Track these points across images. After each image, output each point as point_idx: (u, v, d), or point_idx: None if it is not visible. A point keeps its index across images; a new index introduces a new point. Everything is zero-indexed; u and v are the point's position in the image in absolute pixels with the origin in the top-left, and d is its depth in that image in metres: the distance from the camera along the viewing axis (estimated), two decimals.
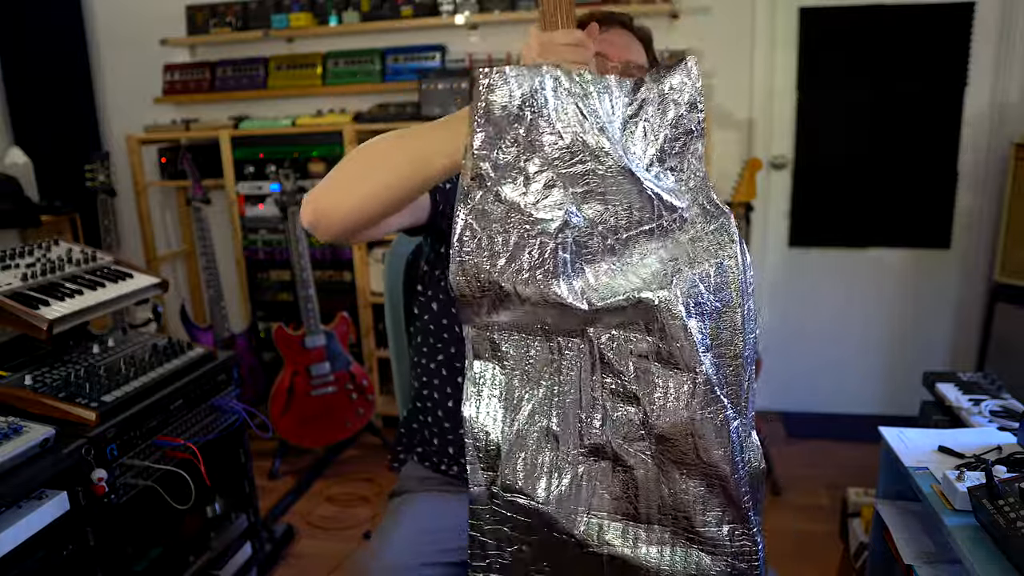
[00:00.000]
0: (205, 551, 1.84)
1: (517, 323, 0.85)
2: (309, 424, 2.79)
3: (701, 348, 0.85)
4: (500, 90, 0.79)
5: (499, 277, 0.82)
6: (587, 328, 0.85)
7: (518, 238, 0.81)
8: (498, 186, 0.81)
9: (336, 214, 0.96)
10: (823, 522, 2.38)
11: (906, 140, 2.91)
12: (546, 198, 0.82)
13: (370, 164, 0.95)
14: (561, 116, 0.82)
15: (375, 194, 0.93)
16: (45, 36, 3.32)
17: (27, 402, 1.43)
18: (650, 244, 0.87)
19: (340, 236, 0.99)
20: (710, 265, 0.88)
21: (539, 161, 0.82)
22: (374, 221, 0.97)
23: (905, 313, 3.07)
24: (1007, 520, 1.02)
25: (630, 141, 0.87)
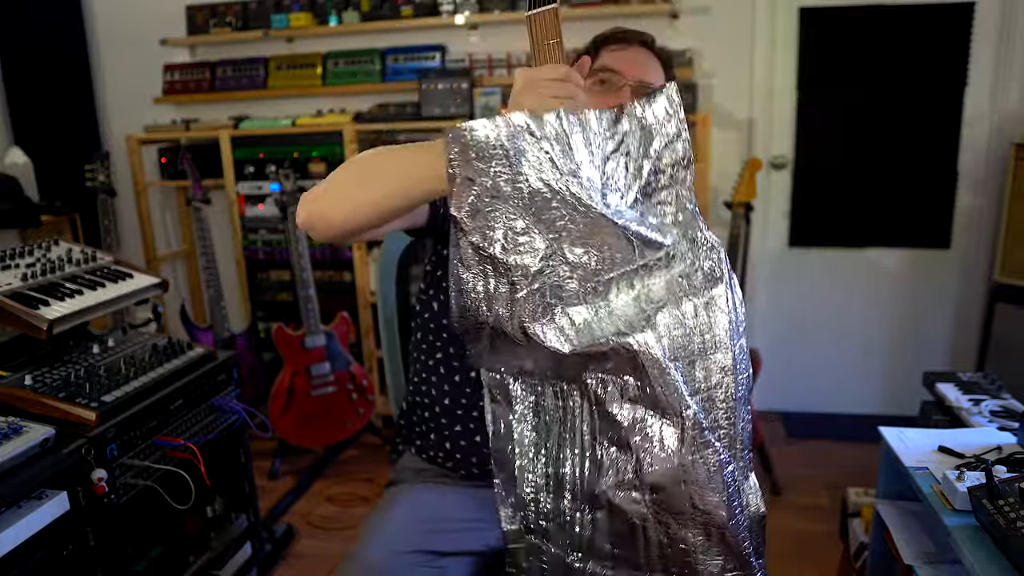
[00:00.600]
0: (205, 551, 1.84)
1: (521, 367, 0.87)
2: (309, 424, 2.79)
3: (687, 391, 0.84)
4: (470, 142, 0.81)
5: (488, 319, 0.84)
6: (584, 374, 0.86)
7: (497, 283, 0.84)
8: (474, 235, 0.83)
9: (332, 219, 0.97)
10: (823, 522, 2.38)
11: (906, 140, 2.91)
12: (522, 244, 0.84)
13: (366, 175, 0.97)
14: (533, 164, 0.82)
15: (371, 202, 0.95)
16: (45, 36, 3.32)
17: (27, 402, 1.43)
18: (632, 286, 0.85)
19: (335, 237, 1.00)
20: (698, 303, 0.85)
21: (512, 208, 0.83)
22: (369, 228, 0.99)
23: (905, 313, 3.07)
24: (1007, 520, 1.02)
25: (612, 178, 0.85)
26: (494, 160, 0.81)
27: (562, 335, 0.83)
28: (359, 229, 0.98)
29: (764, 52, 2.92)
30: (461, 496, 1.28)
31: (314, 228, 0.99)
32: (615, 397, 0.86)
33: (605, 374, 0.85)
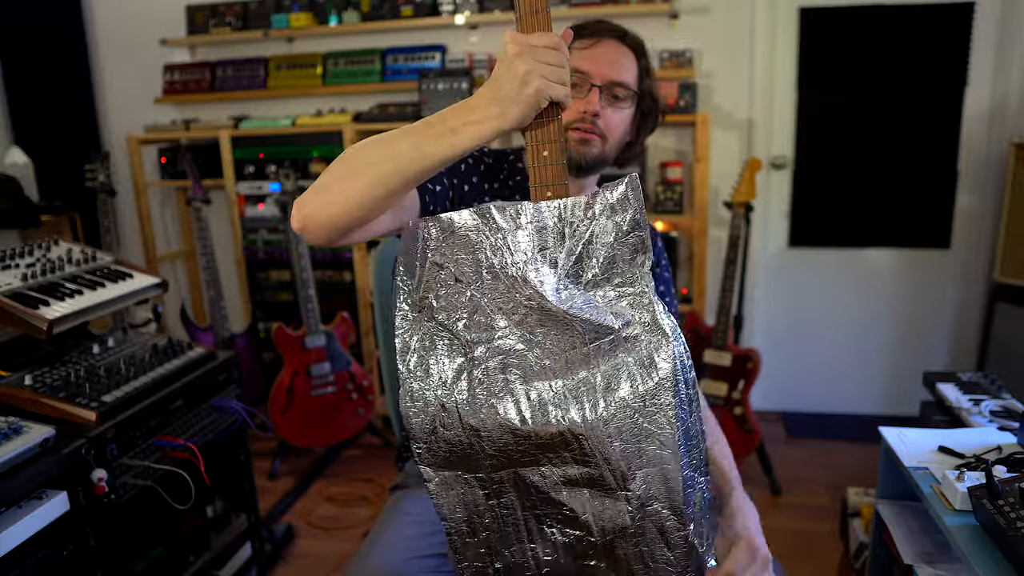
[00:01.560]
0: (205, 551, 1.84)
1: (455, 459, 0.91)
2: (309, 424, 2.79)
3: (627, 468, 0.87)
4: (438, 232, 0.89)
5: (443, 397, 0.89)
6: (521, 463, 0.90)
7: (462, 360, 0.89)
8: (440, 313, 0.90)
9: (322, 217, 0.96)
10: (823, 522, 2.38)
11: (906, 140, 2.92)
12: (482, 324, 0.89)
13: (353, 166, 0.96)
14: (496, 251, 0.88)
15: (359, 194, 0.94)
16: (45, 36, 3.32)
17: (27, 402, 1.43)
18: (587, 367, 0.88)
19: (329, 238, 0.99)
20: (647, 387, 0.87)
21: (476, 290, 0.89)
22: (360, 222, 0.97)
23: (905, 313, 3.07)
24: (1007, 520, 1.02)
25: (571, 264, 0.89)
26: (459, 246, 0.89)
27: (517, 411, 0.88)
28: (351, 224, 0.97)
29: (764, 52, 2.93)
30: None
31: (307, 230, 0.98)
32: (556, 482, 0.90)
33: (548, 456, 0.89)
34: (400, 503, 1.29)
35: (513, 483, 0.91)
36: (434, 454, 0.91)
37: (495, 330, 0.89)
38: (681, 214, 2.86)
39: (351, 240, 1.03)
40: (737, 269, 2.60)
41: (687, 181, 2.94)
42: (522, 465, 0.90)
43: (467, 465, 0.91)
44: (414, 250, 0.91)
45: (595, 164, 1.24)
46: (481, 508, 0.93)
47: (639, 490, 0.88)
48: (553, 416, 0.87)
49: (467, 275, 0.89)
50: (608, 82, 1.20)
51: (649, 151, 2.90)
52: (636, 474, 0.87)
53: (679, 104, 2.82)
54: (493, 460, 0.90)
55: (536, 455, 0.89)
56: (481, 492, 0.92)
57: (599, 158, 1.24)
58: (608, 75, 1.20)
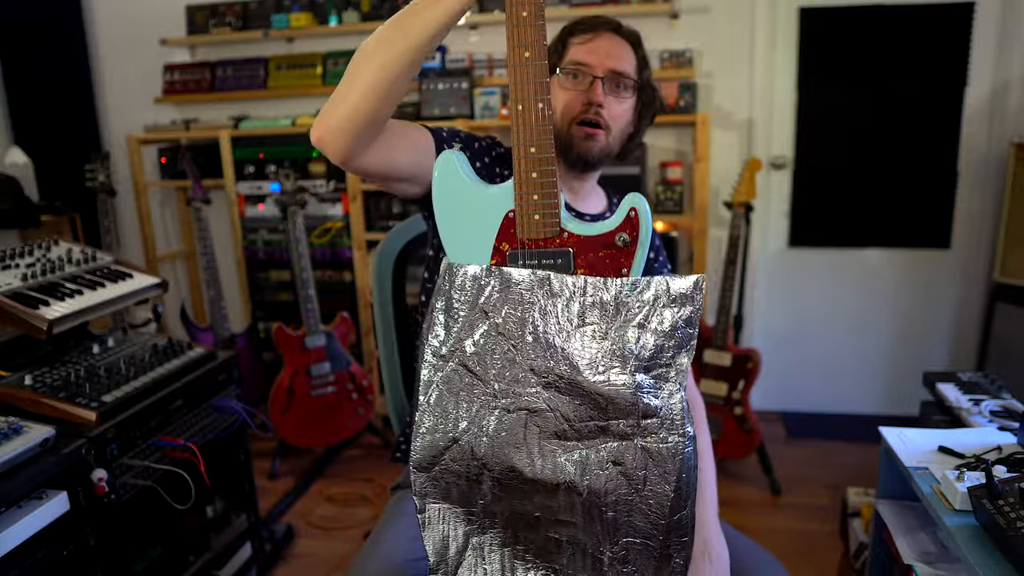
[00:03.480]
0: (205, 551, 1.84)
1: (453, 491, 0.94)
2: (309, 424, 2.79)
3: (612, 534, 0.91)
4: (495, 281, 0.94)
5: (459, 434, 0.93)
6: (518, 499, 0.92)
7: (483, 405, 0.93)
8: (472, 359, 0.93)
9: (335, 121, 0.97)
10: (823, 522, 2.38)
11: (906, 140, 2.92)
12: (513, 379, 0.92)
13: (352, 68, 0.97)
14: (544, 316, 0.92)
15: (363, 85, 0.95)
16: (45, 36, 3.32)
17: (27, 402, 1.43)
18: (600, 438, 0.91)
19: (347, 149, 0.99)
20: (653, 474, 0.89)
21: (514, 347, 0.93)
22: (372, 119, 0.98)
23: (905, 313, 3.07)
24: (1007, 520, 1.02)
25: (616, 343, 0.91)
26: (511, 301, 0.94)
27: (530, 461, 0.91)
28: (364, 124, 0.97)
29: (764, 52, 2.93)
30: None
31: (324, 141, 0.99)
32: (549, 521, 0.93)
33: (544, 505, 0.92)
34: (402, 503, 1.29)
35: (505, 518, 0.94)
36: (435, 484, 0.94)
37: (524, 386, 0.92)
38: (681, 214, 2.86)
39: (370, 162, 1.03)
40: (737, 269, 2.60)
41: (687, 181, 2.94)
42: (518, 500, 0.93)
43: (462, 499, 0.94)
44: (463, 291, 0.95)
45: (600, 158, 1.26)
46: (460, 544, 0.96)
47: (617, 555, 0.91)
48: (560, 472, 0.90)
49: (510, 330, 0.93)
50: (609, 72, 1.22)
51: (649, 151, 2.90)
52: (620, 541, 0.91)
53: (679, 104, 2.83)
54: (492, 494, 0.93)
55: (534, 497, 0.92)
56: (464, 528, 0.95)
57: (604, 151, 1.26)
58: (608, 66, 1.22)
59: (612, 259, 0.96)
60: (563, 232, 0.96)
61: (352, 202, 3.01)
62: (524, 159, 0.95)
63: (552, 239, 0.96)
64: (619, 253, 0.95)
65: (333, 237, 3.08)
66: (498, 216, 0.98)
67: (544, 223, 0.96)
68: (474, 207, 1.00)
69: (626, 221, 0.95)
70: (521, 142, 0.94)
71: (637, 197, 0.94)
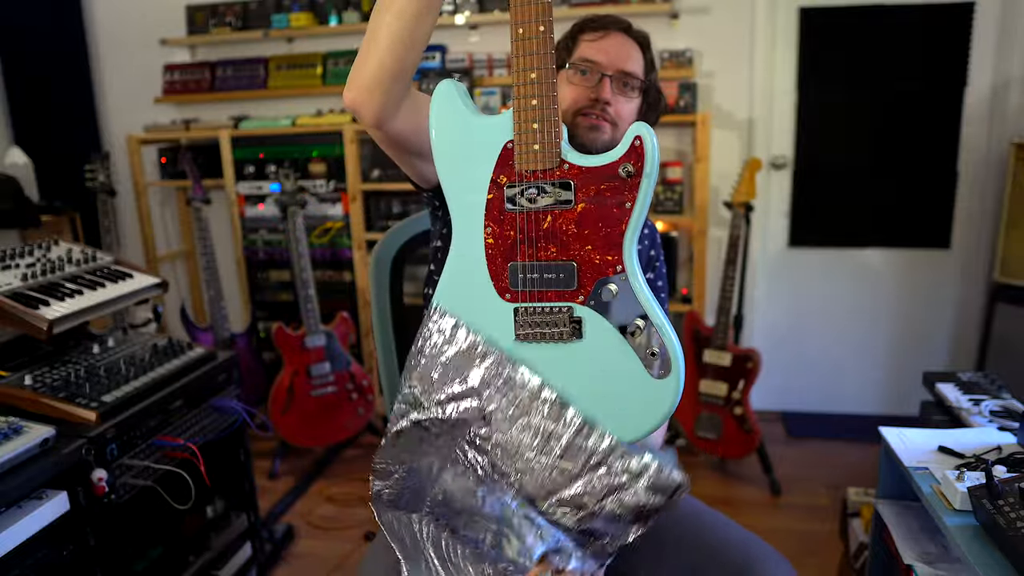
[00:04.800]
0: (205, 551, 1.84)
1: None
2: (309, 424, 2.79)
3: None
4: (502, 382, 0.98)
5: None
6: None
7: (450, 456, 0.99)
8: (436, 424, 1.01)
9: (364, 79, 0.98)
10: (823, 522, 2.38)
11: (906, 140, 2.92)
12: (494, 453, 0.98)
13: (370, 28, 0.99)
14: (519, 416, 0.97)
15: (385, 39, 0.96)
16: (45, 36, 3.32)
17: (27, 402, 1.43)
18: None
19: (380, 107, 0.99)
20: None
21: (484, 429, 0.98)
22: (399, 71, 0.98)
23: (905, 313, 3.07)
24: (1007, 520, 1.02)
25: (582, 491, 0.95)
26: (505, 397, 0.97)
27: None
28: (393, 77, 0.97)
29: (764, 52, 2.93)
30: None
31: (357, 103, 0.99)
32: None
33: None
34: None
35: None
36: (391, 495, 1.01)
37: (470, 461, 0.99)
38: (681, 214, 2.85)
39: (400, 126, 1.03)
40: (737, 269, 2.60)
41: (687, 181, 2.94)
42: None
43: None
44: (464, 355, 0.97)
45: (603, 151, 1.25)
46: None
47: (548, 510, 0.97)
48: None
49: (495, 419, 0.97)
50: (618, 72, 1.23)
51: None
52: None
53: (679, 104, 2.83)
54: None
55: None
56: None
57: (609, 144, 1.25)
58: (618, 65, 1.23)
59: (615, 192, 0.91)
60: (563, 163, 0.92)
61: (352, 202, 3.01)
62: (524, 85, 0.91)
63: (552, 171, 0.92)
64: (622, 185, 0.91)
65: (333, 237, 3.08)
66: (496, 147, 0.94)
67: (544, 153, 0.92)
68: (472, 138, 0.96)
69: (631, 151, 0.90)
70: (521, 68, 0.91)
71: (643, 126, 0.90)
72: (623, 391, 0.93)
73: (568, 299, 0.94)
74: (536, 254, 0.94)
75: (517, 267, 0.95)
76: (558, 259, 0.94)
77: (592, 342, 0.94)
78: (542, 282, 0.94)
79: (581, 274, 0.93)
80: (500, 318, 0.97)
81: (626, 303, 0.92)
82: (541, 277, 0.94)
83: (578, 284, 0.93)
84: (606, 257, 0.92)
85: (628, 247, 0.92)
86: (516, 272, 0.95)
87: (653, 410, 0.92)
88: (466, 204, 0.97)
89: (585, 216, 0.92)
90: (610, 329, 0.92)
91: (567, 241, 0.93)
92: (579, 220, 0.93)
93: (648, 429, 0.93)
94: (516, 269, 0.95)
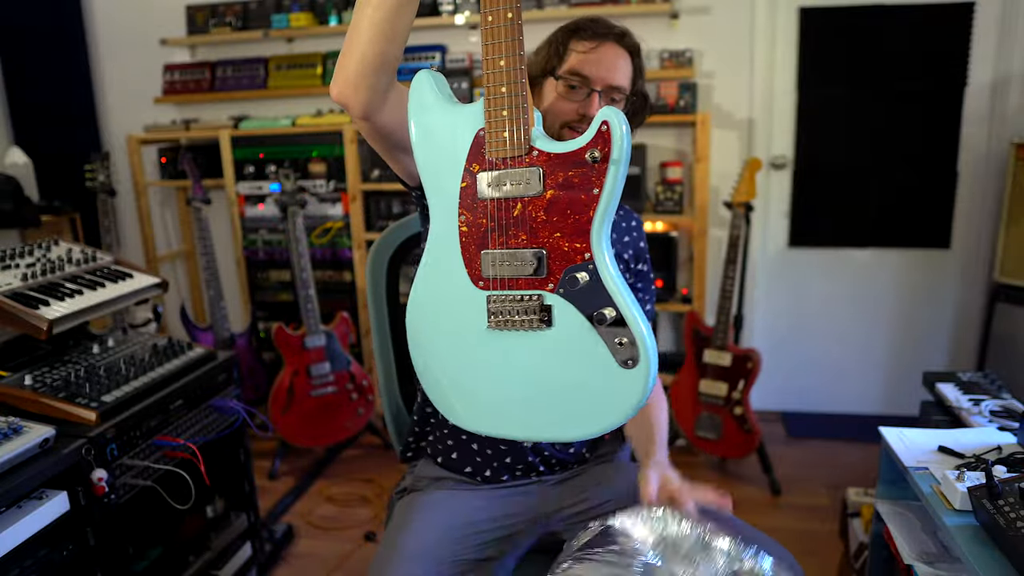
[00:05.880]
0: (205, 551, 1.84)
1: None
2: (309, 424, 2.79)
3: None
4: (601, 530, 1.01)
5: None
6: None
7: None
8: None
9: (349, 72, 1.00)
10: (823, 522, 2.38)
11: (906, 140, 2.92)
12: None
13: (353, 21, 1.00)
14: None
15: (368, 31, 0.97)
16: (45, 36, 3.32)
17: (27, 402, 1.43)
18: None
19: (366, 100, 1.01)
20: None
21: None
22: (383, 62, 0.99)
23: (905, 313, 3.07)
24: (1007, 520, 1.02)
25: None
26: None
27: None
28: (376, 68, 0.99)
29: (764, 52, 2.93)
30: (485, 499, 1.27)
31: (344, 96, 1.01)
32: None
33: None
34: (415, 509, 1.25)
35: None
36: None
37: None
38: (681, 214, 2.85)
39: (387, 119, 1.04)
40: (737, 269, 2.60)
41: (687, 181, 2.94)
42: None
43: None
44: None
45: None
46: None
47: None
48: None
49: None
50: (606, 87, 1.23)
51: (649, 151, 2.90)
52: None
53: (679, 104, 2.83)
54: None
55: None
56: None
57: None
58: (607, 80, 1.23)
59: (583, 179, 0.89)
60: (532, 151, 0.91)
61: (352, 202, 3.01)
62: (493, 73, 0.90)
63: (521, 158, 0.91)
64: (590, 171, 0.88)
65: (333, 237, 3.08)
66: (469, 135, 0.94)
67: (512, 141, 0.91)
68: (447, 127, 0.96)
69: (597, 136, 0.87)
70: (490, 55, 0.90)
71: (612, 111, 0.87)
72: (593, 380, 0.92)
73: (538, 287, 0.93)
74: (507, 242, 0.94)
75: (489, 255, 0.95)
76: (528, 246, 0.93)
77: (561, 330, 0.93)
78: (512, 269, 0.94)
79: (550, 261, 0.92)
80: (474, 305, 0.96)
81: (596, 292, 0.90)
82: (511, 265, 0.94)
83: (548, 272, 0.92)
84: (575, 244, 0.91)
85: (597, 235, 0.90)
86: (488, 260, 0.95)
87: (623, 401, 0.91)
88: (442, 192, 0.97)
89: (554, 203, 0.91)
90: (579, 317, 0.91)
91: (536, 228, 0.92)
92: (548, 207, 0.92)
93: (618, 420, 0.92)
94: (488, 257, 0.95)
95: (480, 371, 0.99)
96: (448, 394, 1.02)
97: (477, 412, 1.01)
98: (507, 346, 0.95)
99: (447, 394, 1.03)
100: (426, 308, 1.02)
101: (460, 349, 0.99)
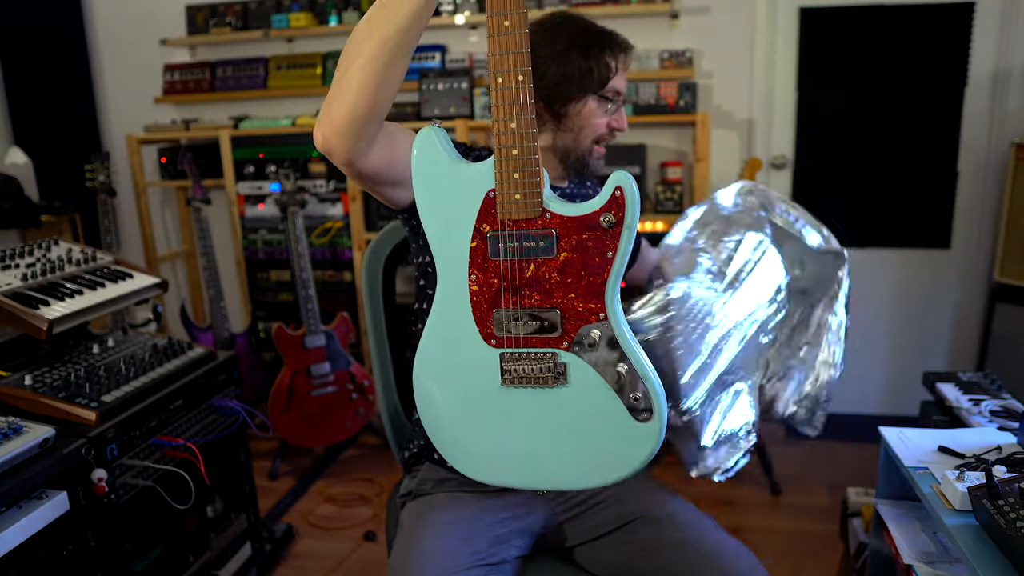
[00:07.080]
0: (205, 551, 1.84)
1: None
2: (309, 424, 2.79)
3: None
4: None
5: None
6: None
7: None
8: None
9: (336, 119, 0.96)
10: (823, 522, 2.38)
11: (906, 140, 2.92)
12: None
13: (345, 62, 0.97)
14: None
15: (359, 78, 0.95)
16: (45, 36, 3.32)
17: (27, 402, 1.43)
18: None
19: (351, 148, 0.98)
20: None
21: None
22: (372, 111, 0.97)
23: (905, 313, 3.07)
24: (1007, 520, 1.02)
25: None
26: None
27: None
28: (366, 116, 0.96)
29: (764, 52, 2.93)
30: (490, 502, 1.25)
31: (329, 145, 0.98)
32: None
33: None
34: (424, 513, 1.23)
35: None
36: None
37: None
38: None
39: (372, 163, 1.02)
40: None
41: (687, 181, 2.94)
42: None
43: None
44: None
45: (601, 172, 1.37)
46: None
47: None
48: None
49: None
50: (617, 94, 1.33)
51: (649, 151, 2.90)
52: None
53: (679, 104, 2.82)
54: None
55: None
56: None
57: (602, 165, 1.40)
58: (624, 91, 1.34)
59: (596, 242, 0.92)
60: (545, 213, 0.92)
61: (352, 202, 3.01)
62: (504, 135, 0.90)
63: (534, 220, 0.92)
64: (604, 235, 0.91)
65: (333, 237, 3.08)
66: (479, 195, 0.94)
67: (525, 203, 0.92)
68: (454, 185, 0.96)
69: (611, 201, 0.90)
70: (501, 117, 0.90)
71: (624, 176, 0.90)
72: (607, 433, 0.95)
73: (552, 345, 0.95)
74: (520, 301, 0.95)
75: (502, 314, 0.96)
76: (542, 306, 0.95)
77: (577, 387, 0.95)
78: (526, 328, 0.95)
79: (564, 321, 0.94)
80: (486, 363, 0.98)
81: (610, 349, 0.94)
82: (525, 324, 0.95)
83: (562, 331, 0.94)
84: (588, 305, 0.93)
85: (610, 294, 0.93)
86: (501, 319, 0.96)
87: (636, 452, 0.94)
88: (451, 252, 0.97)
89: (568, 265, 0.93)
90: (594, 375, 0.94)
91: (550, 289, 0.94)
92: (562, 269, 0.93)
93: (631, 471, 0.95)
94: (501, 316, 0.96)
95: (490, 425, 1.00)
96: (456, 446, 1.03)
97: (486, 463, 1.02)
98: (519, 402, 0.97)
99: (455, 446, 1.04)
100: (435, 364, 1.02)
101: (471, 404, 1.00)
